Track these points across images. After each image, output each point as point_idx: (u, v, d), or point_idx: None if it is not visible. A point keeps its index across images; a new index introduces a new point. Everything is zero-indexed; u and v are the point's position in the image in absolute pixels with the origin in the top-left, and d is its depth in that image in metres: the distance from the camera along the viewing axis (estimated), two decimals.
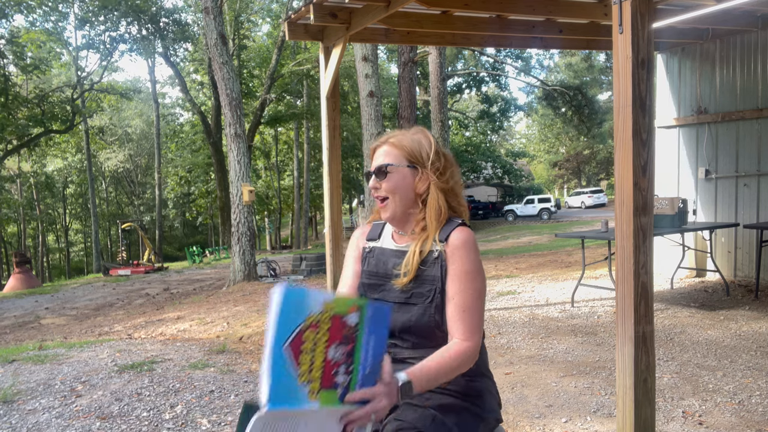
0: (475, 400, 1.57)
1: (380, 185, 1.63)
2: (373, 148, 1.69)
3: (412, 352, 1.57)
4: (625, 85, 2.54)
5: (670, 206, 5.82)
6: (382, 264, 1.66)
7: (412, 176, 1.62)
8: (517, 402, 3.47)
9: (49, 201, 39.51)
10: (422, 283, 1.56)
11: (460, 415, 1.53)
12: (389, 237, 1.72)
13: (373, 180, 1.64)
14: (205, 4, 12.28)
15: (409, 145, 1.63)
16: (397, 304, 1.58)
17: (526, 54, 37.86)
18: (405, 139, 1.64)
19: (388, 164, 1.62)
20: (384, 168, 1.62)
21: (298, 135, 33.15)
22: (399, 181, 1.61)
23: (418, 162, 1.62)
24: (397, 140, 1.64)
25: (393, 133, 1.69)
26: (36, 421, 3.42)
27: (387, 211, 1.64)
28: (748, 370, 3.83)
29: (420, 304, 1.55)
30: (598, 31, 5.66)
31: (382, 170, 1.62)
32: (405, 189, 1.61)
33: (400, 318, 1.57)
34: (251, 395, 3.86)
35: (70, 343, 5.95)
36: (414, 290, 1.57)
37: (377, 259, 1.69)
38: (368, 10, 4.60)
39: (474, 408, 1.56)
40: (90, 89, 29.79)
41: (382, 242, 1.72)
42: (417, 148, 1.63)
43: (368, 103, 10.85)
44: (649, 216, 2.58)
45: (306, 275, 12.46)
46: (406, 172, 1.62)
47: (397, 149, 1.63)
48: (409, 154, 1.62)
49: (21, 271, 18.77)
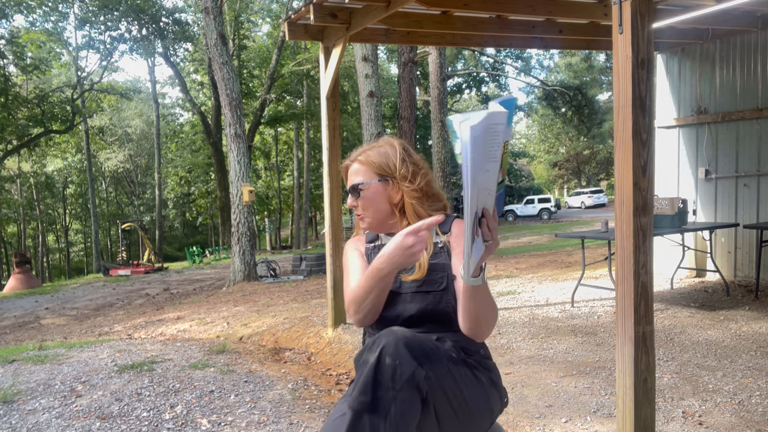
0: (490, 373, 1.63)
1: (357, 203, 1.71)
2: (345, 168, 1.76)
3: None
4: (625, 85, 2.54)
5: (670, 206, 5.82)
6: None
7: (384, 189, 1.69)
8: (517, 402, 3.47)
9: (49, 201, 39.53)
10: (432, 272, 1.61)
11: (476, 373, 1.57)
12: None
13: (349, 199, 1.73)
14: (205, 4, 12.28)
15: (377, 159, 1.70)
16: (410, 294, 1.62)
17: (526, 54, 37.92)
18: (372, 154, 1.71)
19: (359, 183, 1.70)
20: (356, 187, 1.70)
21: (298, 135, 33.16)
22: (372, 196, 1.69)
23: (387, 174, 1.69)
24: (364, 157, 1.72)
25: (361, 149, 1.76)
26: (36, 421, 3.42)
27: (364, 224, 1.73)
28: (748, 370, 3.83)
29: (434, 291, 1.60)
30: (598, 31, 5.66)
31: (356, 189, 1.71)
32: (379, 202, 1.69)
33: (415, 306, 1.61)
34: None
35: (70, 343, 5.95)
36: (426, 279, 1.61)
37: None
38: (368, 10, 4.61)
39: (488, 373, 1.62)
40: (90, 89, 29.80)
41: (383, 241, 1.76)
42: (384, 161, 1.69)
43: (368, 103, 10.85)
44: (649, 216, 2.58)
45: (306, 275, 12.46)
46: (377, 186, 1.69)
47: (366, 166, 1.70)
48: (378, 168, 1.69)
49: (21, 271, 18.78)
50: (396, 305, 1.64)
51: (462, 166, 1.19)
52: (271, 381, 4.21)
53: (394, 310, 1.64)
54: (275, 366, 4.83)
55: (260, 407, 3.64)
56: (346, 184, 1.76)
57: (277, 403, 3.73)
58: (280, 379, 4.31)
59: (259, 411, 3.58)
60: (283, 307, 7.85)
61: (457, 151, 1.22)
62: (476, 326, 1.49)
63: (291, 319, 6.71)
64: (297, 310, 7.35)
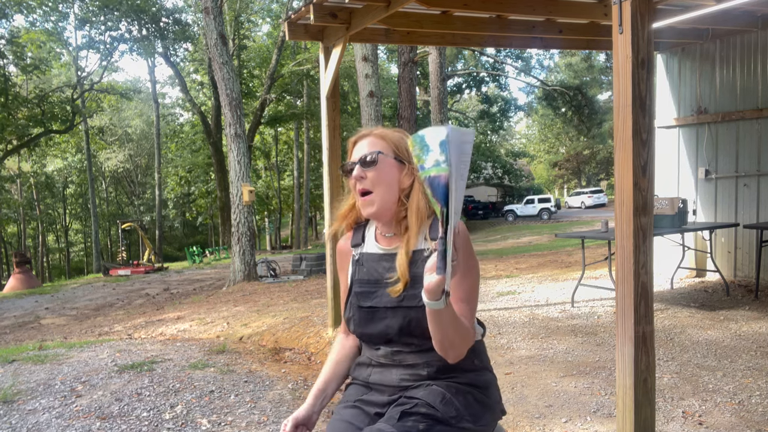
0: (482, 390, 1.56)
1: (366, 175, 1.53)
2: (354, 141, 1.60)
3: (417, 357, 1.54)
4: (625, 85, 2.54)
5: (670, 206, 5.82)
6: (372, 270, 1.60)
7: (398, 170, 1.54)
8: (517, 402, 3.47)
9: (49, 201, 39.51)
10: (414, 284, 1.48)
11: (467, 398, 1.52)
12: (373, 240, 1.64)
13: (358, 169, 1.53)
14: (205, 4, 12.28)
15: (394, 138, 1.57)
16: (391, 309, 1.53)
17: (526, 54, 37.90)
18: (389, 132, 1.58)
19: (378, 151, 1.53)
20: (374, 155, 1.53)
21: (298, 135, 33.16)
22: (386, 171, 1.53)
23: (403, 156, 1.54)
24: (381, 132, 1.58)
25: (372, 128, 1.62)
26: (36, 421, 3.42)
27: (370, 206, 1.54)
28: (748, 370, 3.83)
29: (415, 306, 1.48)
30: (598, 31, 5.66)
31: (371, 158, 1.52)
32: (391, 181, 1.53)
33: (397, 323, 1.52)
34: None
35: (70, 343, 5.95)
36: (407, 293, 1.50)
37: (367, 265, 1.62)
38: (368, 10, 4.61)
39: (480, 395, 1.55)
40: (90, 89, 29.79)
41: (367, 246, 1.65)
42: (401, 143, 1.56)
43: (368, 103, 10.85)
44: (649, 216, 2.58)
45: (306, 275, 12.46)
46: (393, 163, 1.53)
47: (383, 140, 1.56)
48: (395, 146, 1.55)
49: (21, 271, 18.77)
50: (378, 322, 1.55)
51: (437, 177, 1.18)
52: (271, 381, 4.21)
53: (376, 327, 1.56)
54: (275, 366, 4.83)
55: (260, 407, 3.64)
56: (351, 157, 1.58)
57: (277, 403, 3.73)
58: (280, 379, 4.31)
59: (259, 411, 3.58)
60: (283, 307, 7.85)
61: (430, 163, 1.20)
62: (442, 349, 1.40)
63: (291, 319, 6.71)
64: (297, 310, 7.34)
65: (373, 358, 1.61)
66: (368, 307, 1.57)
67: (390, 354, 1.57)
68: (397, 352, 1.56)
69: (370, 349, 1.63)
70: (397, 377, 1.56)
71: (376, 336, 1.57)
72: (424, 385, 1.53)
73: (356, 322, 1.60)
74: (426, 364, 1.53)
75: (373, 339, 1.59)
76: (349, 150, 1.61)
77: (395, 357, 1.56)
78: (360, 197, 1.56)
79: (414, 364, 1.54)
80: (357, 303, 1.60)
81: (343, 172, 1.60)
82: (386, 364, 1.58)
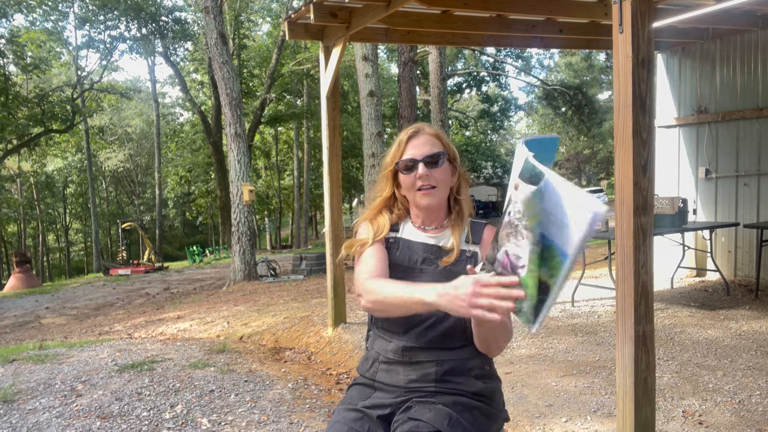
0: (487, 400, 1.56)
1: (430, 174, 1.56)
2: (409, 136, 1.61)
3: (428, 354, 1.54)
4: (625, 85, 2.54)
5: (670, 206, 5.82)
6: (408, 255, 1.61)
7: (451, 170, 1.62)
8: (517, 402, 3.47)
9: (49, 201, 39.50)
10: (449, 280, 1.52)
11: (473, 413, 1.51)
12: (412, 229, 1.66)
13: (422, 167, 1.55)
14: (205, 4, 12.27)
15: (445, 138, 1.63)
16: None
17: (526, 54, 37.87)
18: (440, 132, 1.64)
19: (441, 152, 1.58)
20: (438, 156, 1.57)
21: (298, 135, 33.14)
22: (446, 170, 1.60)
23: (453, 157, 1.63)
24: (435, 132, 1.62)
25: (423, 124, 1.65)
26: (36, 420, 3.42)
27: (433, 198, 1.58)
28: (748, 369, 3.83)
29: None
30: (598, 30, 5.66)
31: (435, 159, 1.57)
32: (447, 181, 1.61)
33: (421, 317, 1.53)
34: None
35: (70, 343, 5.95)
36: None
37: (402, 250, 1.63)
38: (368, 10, 4.61)
39: (485, 407, 1.55)
40: (90, 89, 29.77)
41: (404, 233, 1.66)
42: (450, 143, 1.63)
43: (368, 102, 10.85)
44: (649, 216, 2.58)
45: (306, 275, 12.46)
46: (447, 164, 1.61)
47: (438, 140, 1.61)
48: (447, 147, 1.62)
49: (21, 271, 18.77)
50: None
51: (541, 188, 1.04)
52: (272, 380, 4.21)
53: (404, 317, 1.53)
54: (275, 365, 4.83)
55: (260, 407, 3.64)
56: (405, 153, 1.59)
57: (278, 402, 3.73)
58: (280, 378, 4.31)
59: (260, 410, 3.58)
60: (283, 306, 7.85)
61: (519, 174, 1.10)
62: (485, 347, 1.48)
63: (291, 318, 6.71)
64: (297, 309, 7.34)
65: (382, 353, 1.61)
66: None
67: (401, 350, 1.57)
68: (408, 348, 1.56)
69: (382, 340, 1.62)
70: (404, 378, 1.55)
71: (397, 323, 1.57)
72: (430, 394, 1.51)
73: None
74: (435, 362, 1.53)
75: (393, 326, 1.59)
76: (402, 145, 1.61)
77: (405, 353, 1.56)
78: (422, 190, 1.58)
79: (423, 362, 1.54)
80: None
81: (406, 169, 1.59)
82: (394, 362, 1.57)
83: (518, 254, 1.10)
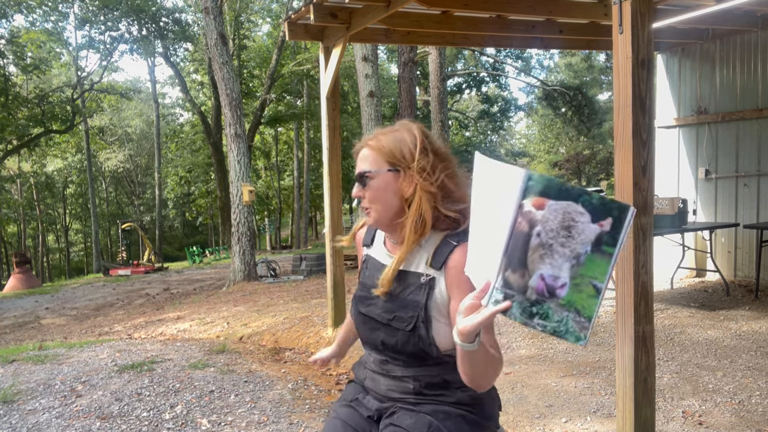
0: (472, 408, 1.49)
1: (363, 194, 1.49)
2: (355, 152, 1.54)
3: (404, 371, 1.51)
4: (625, 85, 2.54)
5: (670, 206, 5.82)
6: (371, 276, 1.57)
7: (395, 180, 1.45)
8: (517, 402, 3.47)
9: (49, 201, 39.48)
10: (404, 307, 1.46)
11: (456, 421, 1.46)
12: (381, 244, 1.61)
13: (356, 188, 1.50)
14: (205, 4, 12.28)
15: (389, 145, 1.46)
16: (382, 324, 1.50)
17: (526, 54, 37.89)
18: (385, 139, 1.48)
19: (366, 171, 1.47)
20: (363, 175, 1.48)
21: (298, 135, 33.15)
22: (381, 188, 1.46)
23: (400, 164, 1.44)
24: (375, 142, 1.48)
25: (375, 133, 1.53)
26: (36, 421, 3.42)
27: (370, 219, 1.51)
28: (748, 370, 3.83)
29: (402, 329, 1.45)
30: (598, 31, 5.66)
31: (362, 177, 1.48)
32: (388, 196, 1.46)
33: (387, 339, 1.50)
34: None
35: (70, 343, 5.95)
36: (396, 313, 1.47)
37: (369, 269, 1.60)
38: (368, 10, 4.61)
39: (471, 416, 1.48)
40: (90, 89, 29.77)
41: (374, 250, 1.63)
42: (398, 147, 1.45)
43: (368, 103, 10.85)
44: (649, 216, 2.58)
45: (306, 275, 12.45)
46: (387, 177, 1.45)
47: (376, 152, 1.47)
48: (389, 156, 1.45)
49: (21, 271, 18.76)
50: (370, 331, 1.55)
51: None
52: (271, 381, 4.21)
53: (369, 335, 1.55)
54: (275, 366, 4.83)
55: (260, 407, 3.64)
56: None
57: (277, 403, 3.73)
58: (280, 379, 4.31)
59: (259, 411, 3.58)
60: (283, 307, 7.84)
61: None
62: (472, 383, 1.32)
63: (291, 319, 6.70)
64: (297, 310, 7.34)
65: (368, 362, 1.63)
66: (362, 313, 1.57)
67: (379, 362, 1.56)
68: (385, 361, 1.55)
69: (366, 350, 1.64)
70: (385, 387, 1.55)
71: (368, 342, 1.59)
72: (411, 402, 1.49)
73: (355, 321, 1.62)
74: (413, 378, 1.50)
75: (366, 343, 1.60)
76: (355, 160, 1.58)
77: (384, 366, 1.55)
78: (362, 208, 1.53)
79: (401, 377, 1.52)
80: (356, 304, 1.61)
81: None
82: (376, 371, 1.58)
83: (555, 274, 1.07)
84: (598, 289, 1.06)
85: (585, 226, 1.04)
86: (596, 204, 1.03)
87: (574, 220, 1.05)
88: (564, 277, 1.07)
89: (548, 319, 1.09)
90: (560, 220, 1.05)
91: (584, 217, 1.04)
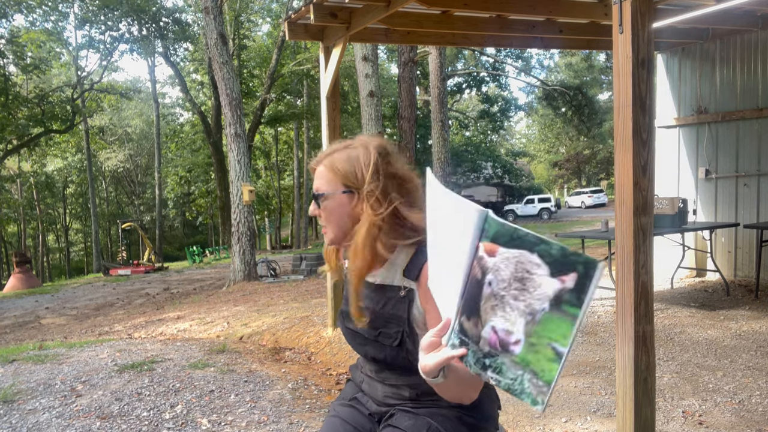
0: (470, 411, 1.46)
1: (319, 213, 1.44)
2: (311, 168, 1.48)
3: (399, 379, 1.50)
4: (625, 85, 2.54)
5: (670, 206, 5.82)
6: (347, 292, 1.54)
7: (348, 202, 1.39)
8: (517, 402, 3.47)
9: (49, 201, 39.50)
10: (388, 323, 1.42)
11: (455, 424, 1.45)
12: None
13: (312, 206, 1.45)
14: (205, 4, 12.28)
15: (343, 166, 1.39)
16: (370, 339, 1.48)
17: (526, 54, 37.90)
18: (339, 158, 1.40)
19: (320, 193, 1.43)
20: (319, 197, 1.43)
21: (298, 135, 33.16)
22: (334, 209, 1.41)
23: (353, 185, 1.38)
24: (329, 161, 1.42)
25: (330, 149, 1.46)
26: (36, 420, 3.42)
27: (327, 238, 1.47)
28: (748, 369, 3.83)
29: (389, 345, 1.42)
30: (598, 31, 5.66)
31: (316, 198, 1.44)
32: (341, 218, 1.41)
33: (376, 354, 1.48)
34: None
35: (70, 343, 5.95)
36: (382, 329, 1.43)
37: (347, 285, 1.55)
38: (368, 10, 4.61)
39: (468, 418, 1.46)
40: (90, 89, 29.78)
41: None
42: (351, 169, 1.38)
43: (368, 103, 10.85)
44: (649, 216, 2.58)
45: (306, 275, 12.46)
46: (341, 198, 1.40)
47: (331, 172, 1.40)
48: (343, 177, 1.38)
49: (21, 271, 18.78)
50: (358, 345, 1.53)
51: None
52: (271, 381, 4.21)
53: (358, 349, 1.54)
54: (275, 366, 4.83)
55: (260, 407, 3.64)
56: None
57: (278, 402, 3.73)
58: (280, 378, 4.31)
59: (260, 410, 3.58)
60: (283, 306, 7.85)
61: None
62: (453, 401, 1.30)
63: (291, 318, 6.71)
64: (297, 309, 7.35)
65: (363, 367, 1.62)
66: (349, 328, 1.55)
67: (374, 371, 1.56)
68: (380, 370, 1.54)
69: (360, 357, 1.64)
70: (382, 393, 1.54)
71: (359, 355, 1.58)
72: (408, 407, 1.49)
73: (343, 335, 1.60)
74: (408, 386, 1.48)
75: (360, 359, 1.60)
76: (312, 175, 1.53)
77: (379, 374, 1.54)
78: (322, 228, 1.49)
79: (397, 385, 1.51)
80: (342, 319, 1.58)
81: None
82: (373, 378, 1.57)
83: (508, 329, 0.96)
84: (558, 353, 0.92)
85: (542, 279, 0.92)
86: (556, 255, 0.91)
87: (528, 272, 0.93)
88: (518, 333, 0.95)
89: (502, 375, 0.98)
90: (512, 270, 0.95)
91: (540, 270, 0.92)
